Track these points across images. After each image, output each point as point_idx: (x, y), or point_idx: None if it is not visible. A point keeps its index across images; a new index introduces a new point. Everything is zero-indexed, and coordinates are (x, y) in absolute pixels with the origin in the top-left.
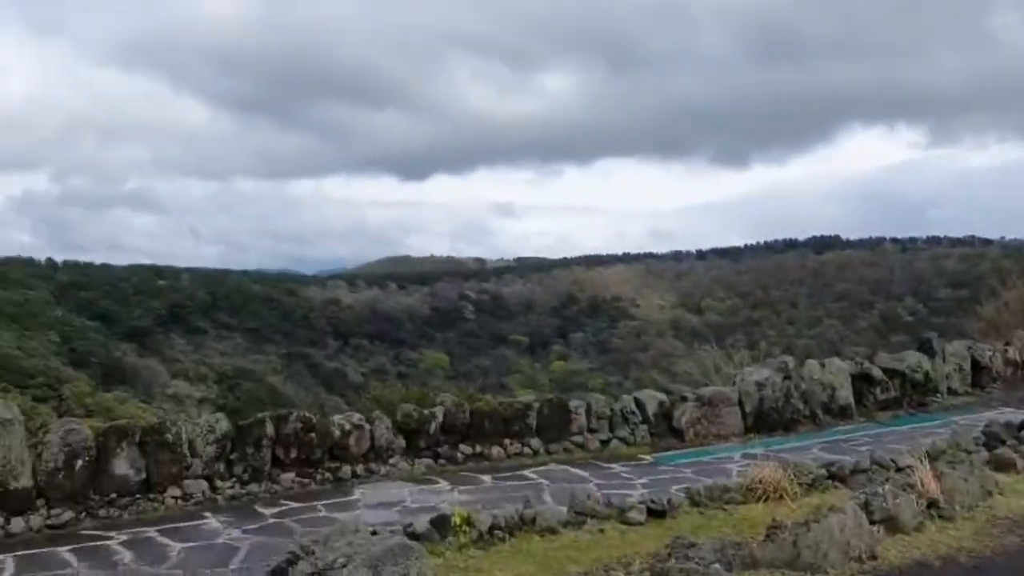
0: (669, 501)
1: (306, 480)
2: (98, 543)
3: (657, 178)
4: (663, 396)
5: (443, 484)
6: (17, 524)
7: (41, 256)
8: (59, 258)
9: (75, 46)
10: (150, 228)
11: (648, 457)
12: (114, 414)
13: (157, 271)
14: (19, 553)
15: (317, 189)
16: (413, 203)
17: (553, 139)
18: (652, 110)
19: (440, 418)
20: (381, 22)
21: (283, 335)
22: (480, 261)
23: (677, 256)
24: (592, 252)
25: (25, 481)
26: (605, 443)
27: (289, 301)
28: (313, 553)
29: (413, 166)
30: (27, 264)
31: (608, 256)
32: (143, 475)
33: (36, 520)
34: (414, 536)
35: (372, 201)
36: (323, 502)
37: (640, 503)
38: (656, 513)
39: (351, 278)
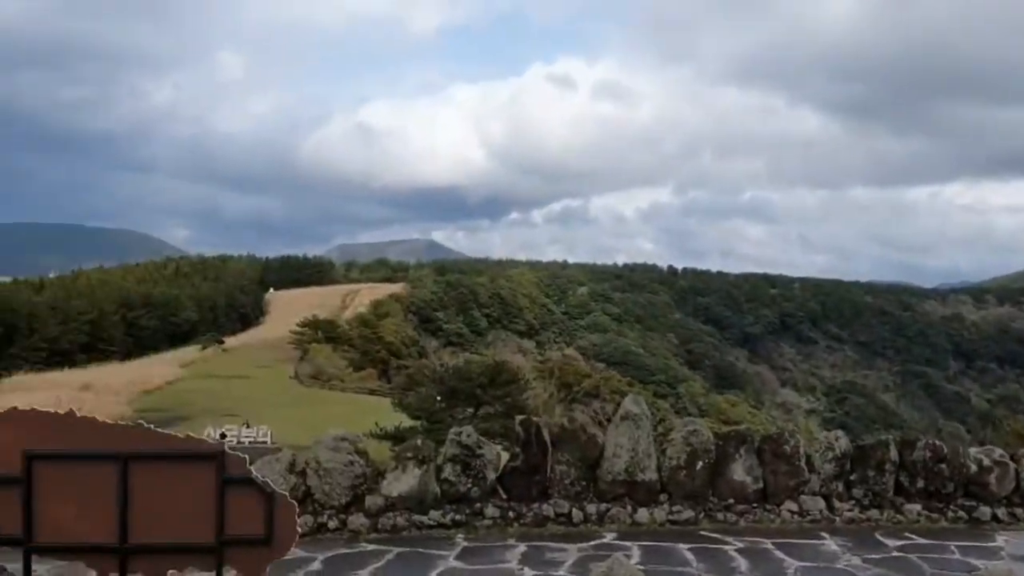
0: None
1: (935, 515)
2: (715, 546)
3: None
4: None
5: None
6: (642, 515)
7: (663, 263)
8: (679, 265)
9: (698, 69)
10: (761, 236)
11: None
12: (725, 416)
13: (769, 279)
14: (643, 543)
15: (936, 195)
16: None
17: None
18: None
19: None
20: (1019, 10)
21: (896, 351)
22: None
23: None
24: None
25: (651, 475)
26: None
27: (903, 315)
28: None
29: None
30: (651, 270)
31: None
32: (760, 484)
33: (659, 514)
34: None
35: (1003, 207)
36: (956, 543)
37: None
38: None
39: (978, 293)
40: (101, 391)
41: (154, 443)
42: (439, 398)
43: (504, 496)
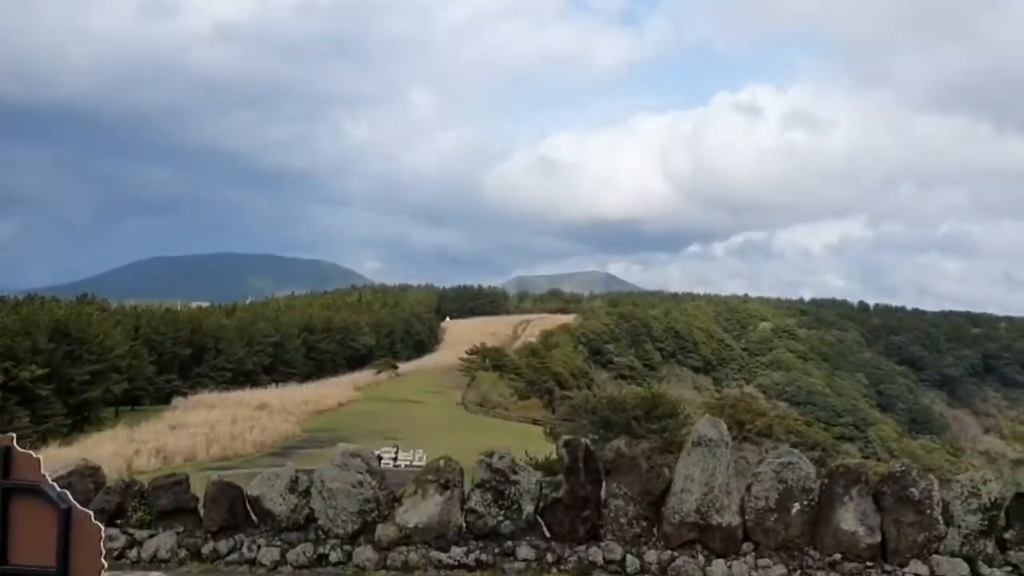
0: None
1: None
2: None
3: None
4: None
5: None
6: (718, 568)
7: (853, 299)
8: (870, 301)
9: (895, 95)
10: (961, 272)
11: None
12: (920, 463)
13: (971, 318)
14: None
15: None
16: None
17: None
18: None
19: None
20: None
21: None
22: None
23: None
24: None
25: (730, 517)
26: None
27: None
28: None
29: None
30: (839, 306)
31: None
32: (877, 537)
33: (740, 567)
34: None
35: None
36: None
37: None
38: None
39: None
40: (276, 410)
41: None
42: (598, 429)
43: (546, 534)
